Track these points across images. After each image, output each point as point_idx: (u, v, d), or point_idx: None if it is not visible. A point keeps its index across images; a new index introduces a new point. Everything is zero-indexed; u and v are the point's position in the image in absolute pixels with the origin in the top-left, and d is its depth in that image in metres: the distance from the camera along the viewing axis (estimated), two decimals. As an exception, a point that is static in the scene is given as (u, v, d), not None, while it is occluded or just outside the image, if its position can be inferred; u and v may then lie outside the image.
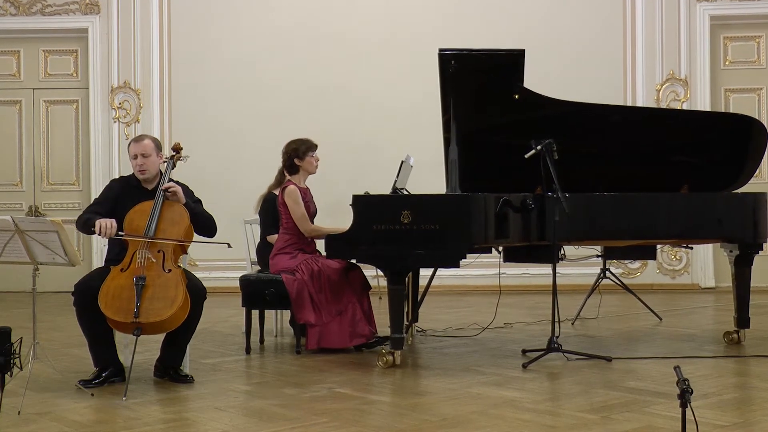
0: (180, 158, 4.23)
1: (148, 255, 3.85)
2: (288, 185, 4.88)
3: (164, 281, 3.80)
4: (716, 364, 4.35)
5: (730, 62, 8.08)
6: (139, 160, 4.08)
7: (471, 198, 4.32)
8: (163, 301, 3.74)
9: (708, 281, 7.97)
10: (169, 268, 3.85)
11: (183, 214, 3.99)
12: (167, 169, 4.13)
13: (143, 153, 4.07)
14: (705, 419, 3.12)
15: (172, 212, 3.97)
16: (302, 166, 4.93)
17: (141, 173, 4.10)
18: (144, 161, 4.07)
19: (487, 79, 4.74)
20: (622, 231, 4.67)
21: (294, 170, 4.94)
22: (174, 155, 4.21)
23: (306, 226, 4.84)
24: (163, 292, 3.76)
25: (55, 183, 8.27)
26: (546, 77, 6.92)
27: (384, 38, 8.04)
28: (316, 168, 4.99)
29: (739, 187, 5.02)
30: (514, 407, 3.45)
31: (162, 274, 3.82)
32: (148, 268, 3.82)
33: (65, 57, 8.31)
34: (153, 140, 4.17)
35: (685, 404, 2.41)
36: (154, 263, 3.83)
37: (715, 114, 6.98)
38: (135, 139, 4.19)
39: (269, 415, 3.38)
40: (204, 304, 3.99)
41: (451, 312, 6.48)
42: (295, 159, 4.90)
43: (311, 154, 4.93)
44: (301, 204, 4.82)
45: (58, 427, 3.23)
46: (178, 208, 3.99)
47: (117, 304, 3.73)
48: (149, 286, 3.75)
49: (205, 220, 4.13)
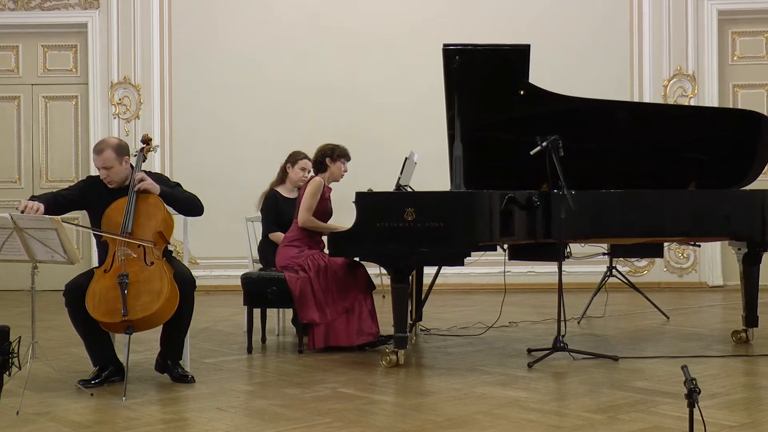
0: (150, 149, 4.21)
1: (127, 251, 3.83)
2: (315, 177, 4.90)
3: (148, 275, 3.77)
4: (724, 363, 4.33)
5: (738, 57, 8.05)
6: (102, 173, 4.03)
7: (476, 195, 4.31)
8: (149, 294, 3.71)
9: (716, 279, 7.94)
10: (152, 261, 3.83)
11: (157, 204, 3.95)
12: (137, 162, 4.09)
13: (104, 166, 4.00)
14: (713, 419, 3.11)
15: (146, 204, 3.94)
16: (331, 169, 4.94)
17: (108, 184, 4.06)
18: (107, 173, 4.02)
19: (492, 74, 4.72)
20: (629, 228, 4.65)
21: (322, 169, 4.95)
22: (143, 147, 4.18)
23: (306, 217, 4.85)
24: (148, 286, 3.74)
25: (54, 180, 8.22)
26: (552, 72, 6.88)
27: (387, 32, 8.01)
28: (341, 177, 5.01)
29: (748, 184, 5.00)
30: (520, 407, 3.43)
31: (145, 268, 3.80)
32: (129, 265, 3.79)
33: (64, 52, 8.27)
34: (114, 148, 3.98)
35: (693, 404, 2.40)
36: (135, 258, 3.81)
37: (723, 110, 6.94)
38: (95, 149, 4.04)
39: (271, 415, 3.36)
40: (195, 294, 3.95)
41: (456, 311, 6.47)
42: (327, 159, 4.92)
43: (343, 161, 4.96)
44: (317, 198, 4.85)
45: (57, 427, 3.22)
46: (152, 200, 3.96)
47: (104, 306, 3.71)
48: (133, 282, 3.72)
49: (186, 201, 4.08)
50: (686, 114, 5.43)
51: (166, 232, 3.95)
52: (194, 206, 4.11)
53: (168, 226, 3.96)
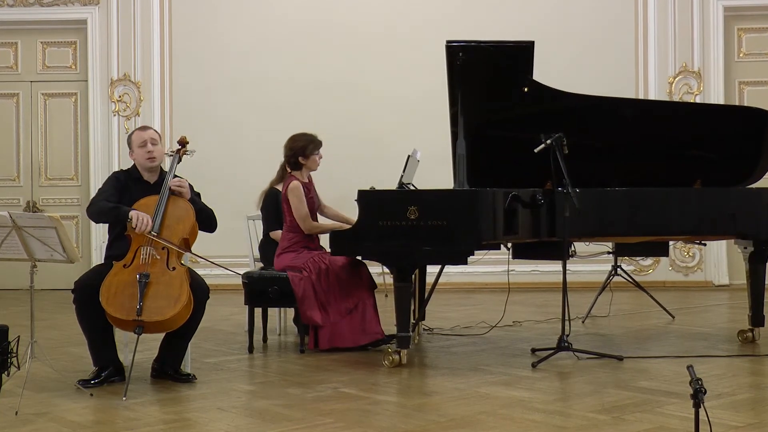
0: (186, 152, 4.18)
1: (152, 252, 3.80)
2: (291, 181, 4.83)
3: (168, 279, 3.75)
4: (730, 363, 4.32)
5: (744, 54, 8.01)
6: (149, 147, 4.00)
7: (479, 193, 4.29)
8: (166, 299, 3.69)
9: (722, 278, 7.91)
10: (174, 266, 3.81)
11: (189, 210, 3.94)
12: (173, 163, 4.08)
13: (152, 139, 4.02)
14: (719, 420, 3.10)
15: (178, 208, 3.92)
16: (306, 164, 4.90)
17: (151, 161, 4.02)
18: (153, 148, 4.01)
19: (496, 71, 4.70)
20: (634, 227, 4.63)
21: (297, 167, 4.91)
22: (180, 149, 4.16)
23: (307, 224, 4.81)
24: (166, 291, 3.71)
25: (54, 178, 8.20)
26: (556, 69, 6.85)
27: (390, 29, 7.97)
28: (318, 166, 4.97)
29: (754, 182, 4.97)
30: (524, 407, 3.42)
31: (166, 271, 3.77)
32: (152, 265, 3.77)
33: (64, 49, 8.24)
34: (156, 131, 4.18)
35: (699, 404, 2.39)
36: (158, 260, 3.79)
37: (729, 107, 6.94)
38: (140, 128, 4.19)
39: (272, 415, 3.35)
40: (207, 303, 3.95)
41: (459, 310, 6.45)
42: (301, 157, 4.86)
43: (317, 152, 4.91)
44: (304, 202, 4.80)
45: (57, 427, 3.21)
46: (183, 204, 3.94)
47: (119, 300, 3.68)
48: (153, 283, 3.70)
49: (207, 215, 4.09)
50: (692, 111, 5.42)
51: (191, 240, 3.94)
52: (212, 221, 4.11)
53: (194, 234, 3.96)
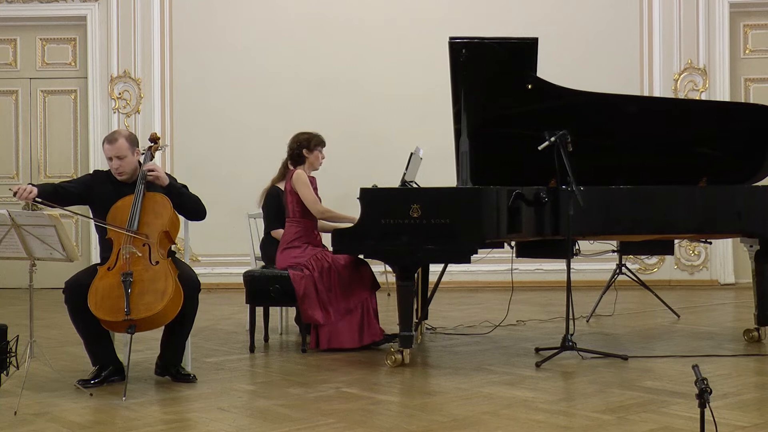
0: (158, 148, 4.16)
1: (132, 249, 3.78)
2: (296, 170, 4.82)
3: (152, 274, 3.73)
4: (736, 362, 4.31)
5: (750, 51, 7.99)
6: (114, 163, 3.97)
7: (483, 191, 4.27)
8: (153, 294, 3.67)
9: (727, 277, 7.89)
10: (156, 260, 3.79)
11: (165, 203, 3.91)
12: (145, 161, 4.05)
13: (118, 155, 3.96)
14: (724, 420, 3.10)
15: (155, 203, 3.90)
16: (309, 159, 4.90)
17: (119, 175, 4.01)
18: (120, 163, 3.97)
19: (499, 68, 4.68)
20: (639, 225, 4.62)
21: (300, 161, 4.90)
22: (151, 146, 4.13)
23: (319, 207, 4.81)
24: (152, 286, 3.69)
25: (53, 175, 8.15)
26: (560, 66, 6.84)
27: (392, 25, 7.96)
28: (320, 165, 4.98)
29: (760, 179, 4.95)
30: (527, 407, 3.41)
31: (149, 267, 3.75)
32: (134, 263, 3.75)
33: (63, 45, 8.22)
34: (127, 138, 3.98)
35: (704, 404, 2.39)
36: (140, 257, 3.77)
37: (735, 104, 6.92)
38: (108, 138, 4.02)
39: (274, 415, 3.34)
40: (199, 296, 3.91)
41: (462, 309, 6.44)
42: (305, 150, 4.87)
43: (320, 149, 4.93)
44: (310, 187, 4.80)
45: (56, 428, 3.20)
46: (159, 199, 3.92)
47: (107, 304, 3.66)
48: (137, 281, 3.68)
49: (192, 202, 4.05)
50: (697, 108, 5.38)
51: (172, 232, 3.92)
52: (199, 208, 4.08)
53: (174, 226, 3.93)
